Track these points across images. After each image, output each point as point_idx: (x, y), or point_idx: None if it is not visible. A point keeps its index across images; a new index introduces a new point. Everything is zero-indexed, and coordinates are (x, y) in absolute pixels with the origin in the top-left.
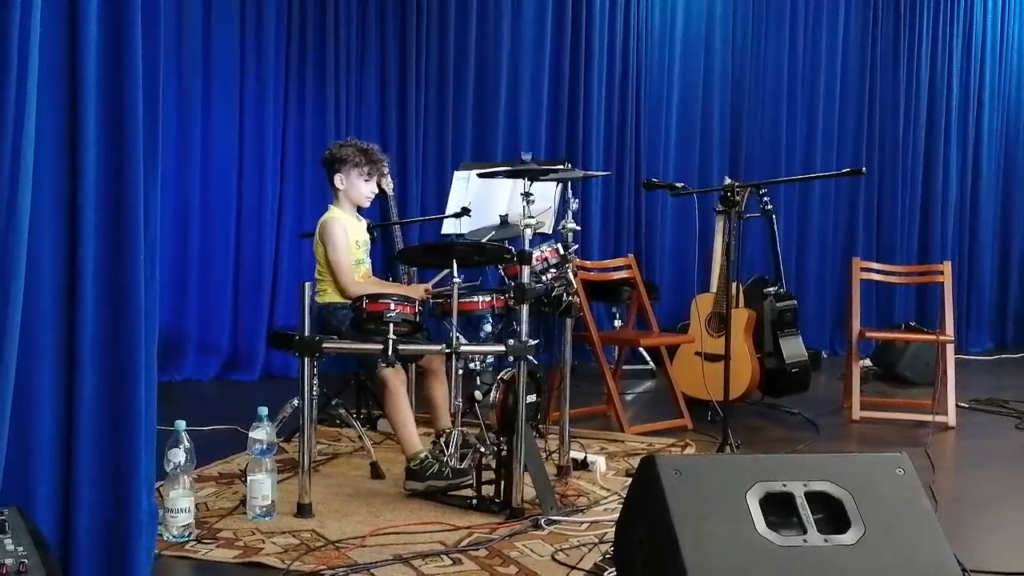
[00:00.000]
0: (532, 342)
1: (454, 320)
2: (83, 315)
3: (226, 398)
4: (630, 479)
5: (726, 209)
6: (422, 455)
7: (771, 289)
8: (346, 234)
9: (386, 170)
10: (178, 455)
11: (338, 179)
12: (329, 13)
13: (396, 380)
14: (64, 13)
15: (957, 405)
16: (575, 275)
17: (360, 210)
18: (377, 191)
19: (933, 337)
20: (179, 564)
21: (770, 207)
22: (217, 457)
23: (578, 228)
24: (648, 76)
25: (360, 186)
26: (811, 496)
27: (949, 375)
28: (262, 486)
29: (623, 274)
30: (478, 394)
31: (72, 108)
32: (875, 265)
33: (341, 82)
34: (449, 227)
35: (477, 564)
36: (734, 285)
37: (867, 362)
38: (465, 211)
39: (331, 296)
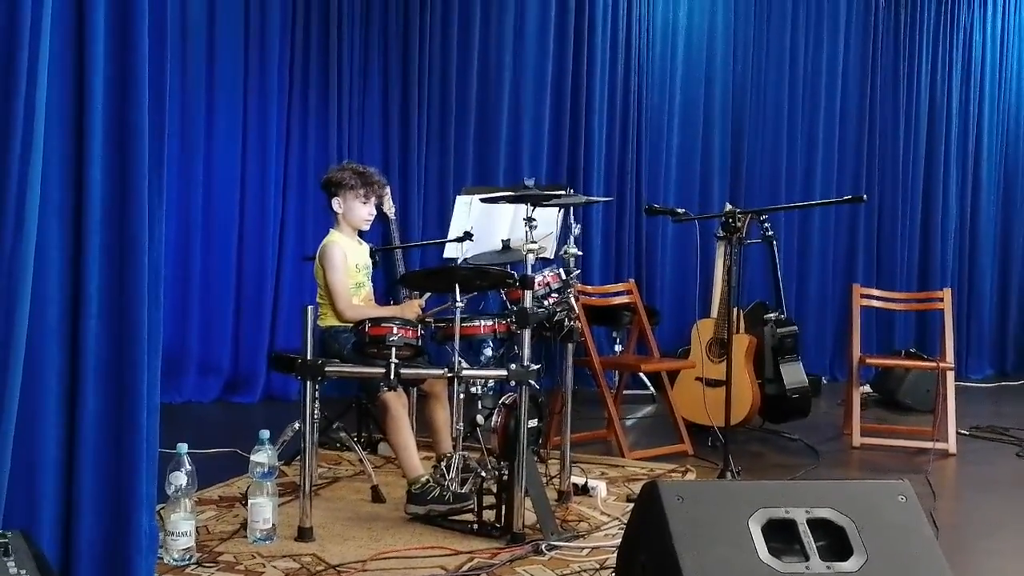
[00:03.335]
0: (534, 367)
1: (456, 344)
2: (87, 337)
3: (227, 420)
4: (631, 504)
5: (727, 235)
6: (423, 479)
7: (771, 315)
8: (345, 258)
9: (384, 192)
10: (180, 478)
11: (335, 203)
12: (332, 37)
13: (398, 404)
14: (72, 36)
15: (957, 432)
16: (576, 300)
17: (362, 234)
18: (375, 214)
19: (933, 364)
20: None
21: (771, 233)
22: (218, 480)
23: (580, 253)
24: (649, 102)
25: (357, 209)
26: (813, 523)
27: (949, 402)
28: (263, 509)
29: (624, 299)
30: (480, 418)
31: (79, 130)
32: (875, 291)
33: (344, 106)
34: (451, 251)
35: None
36: (735, 311)
37: (867, 388)
38: (467, 235)
39: (333, 320)
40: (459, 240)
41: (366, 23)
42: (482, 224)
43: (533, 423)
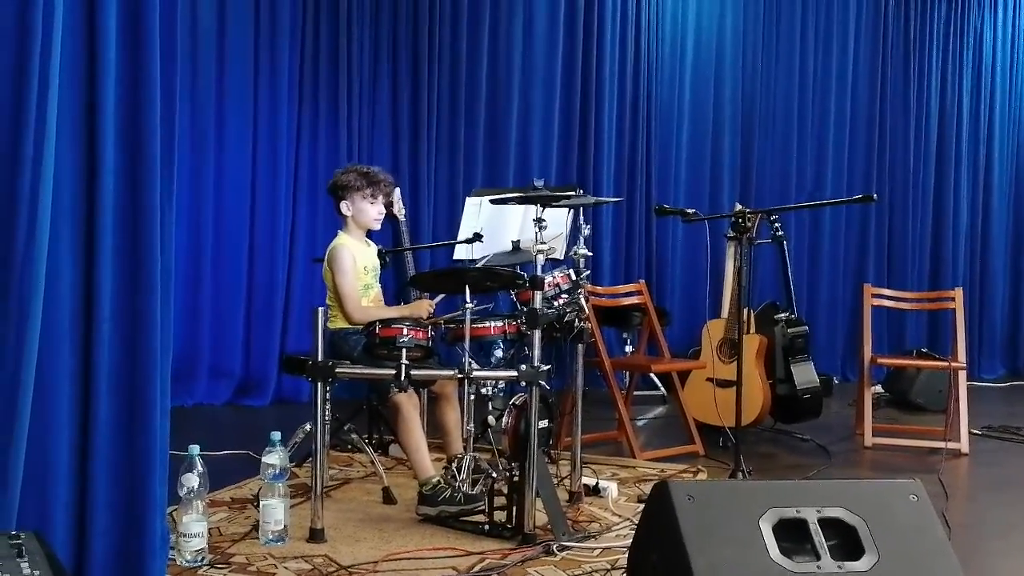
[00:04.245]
0: (544, 367)
1: (466, 345)
2: (99, 341)
3: (238, 423)
4: (642, 505)
5: (737, 235)
6: (434, 480)
7: (782, 315)
8: (354, 260)
9: (390, 190)
10: (192, 480)
11: (344, 206)
12: (342, 39)
13: (409, 405)
14: (83, 40)
15: (970, 432)
16: (587, 301)
17: (371, 235)
18: (384, 212)
19: (945, 364)
20: None
21: (781, 233)
22: (229, 482)
23: (590, 254)
24: (659, 102)
25: (366, 209)
26: (825, 522)
27: (961, 402)
28: (275, 511)
29: (634, 300)
30: (491, 419)
31: (90, 134)
32: (886, 291)
33: (354, 108)
34: (461, 253)
35: None
36: (745, 311)
37: (879, 388)
38: (477, 237)
39: (342, 322)
40: (469, 241)
41: (375, 26)
42: (492, 225)
43: (544, 424)
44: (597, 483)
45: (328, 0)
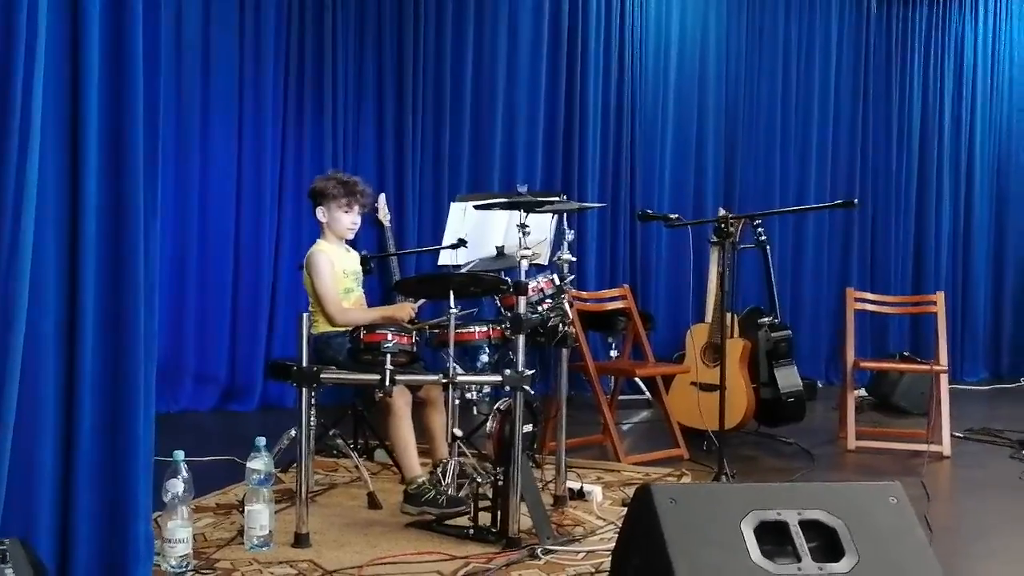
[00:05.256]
0: (528, 372)
1: (451, 350)
2: (83, 347)
3: (223, 428)
4: (626, 508)
5: (720, 240)
6: (420, 480)
7: (766, 319)
8: (332, 264)
9: (367, 201)
10: (176, 485)
11: (320, 212)
12: (327, 46)
13: (401, 402)
14: (66, 50)
15: (952, 435)
16: (571, 305)
17: (355, 242)
18: (359, 223)
19: (927, 367)
20: None
21: (764, 238)
22: (215, 487)
23: (574, 259)
24: (643, 108)
25: (341, 218)
26: (805, 525)
27: (944, 405)
28: (260, 516)
29: (618, 304)
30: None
31: (74, 143)
32: (869, 295)
33: (338, 114)
34: (446, 258)
35: None
36: (729, 315)
37: (862, 392)
38: (462, 242)
39: (325, 326)
40: (454, 247)
41: (360, 32)
42: (476, 231)
43: (528, 428)
44: (582, 487)
45: (313, 7)
